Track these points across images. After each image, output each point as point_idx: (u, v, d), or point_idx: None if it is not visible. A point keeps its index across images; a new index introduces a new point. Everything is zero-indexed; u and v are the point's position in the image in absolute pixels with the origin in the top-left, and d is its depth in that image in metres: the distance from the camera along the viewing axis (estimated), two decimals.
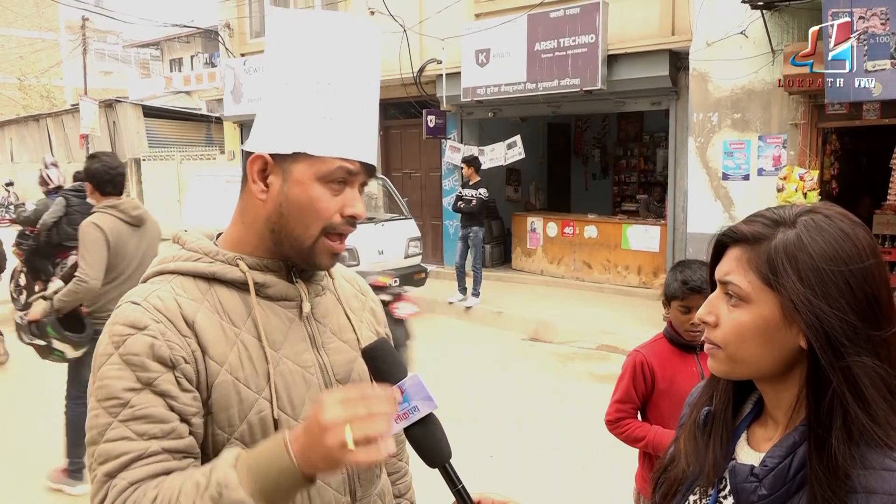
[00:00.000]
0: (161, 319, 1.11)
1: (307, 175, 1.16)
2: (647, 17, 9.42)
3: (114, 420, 1.05)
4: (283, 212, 1.18)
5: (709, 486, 1.05)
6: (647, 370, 2.50)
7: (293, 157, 1.16)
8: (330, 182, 1.17)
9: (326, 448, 0.94)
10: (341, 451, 0.93)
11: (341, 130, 1.16)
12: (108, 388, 1.06)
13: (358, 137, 1.19)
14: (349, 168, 1.17)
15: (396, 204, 10.08)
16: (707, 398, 1.12)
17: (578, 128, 14.99)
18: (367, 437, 0.94)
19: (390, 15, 11.10)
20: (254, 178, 1.20)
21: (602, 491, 4.36)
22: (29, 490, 4.39)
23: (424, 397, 1.12)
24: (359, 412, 0.95)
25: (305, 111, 1.15)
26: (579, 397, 6.13)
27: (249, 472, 0.98)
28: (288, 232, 1.19)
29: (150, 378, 1.07)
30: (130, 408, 1.05)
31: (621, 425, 2.54)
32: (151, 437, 1.05)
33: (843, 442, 0.88)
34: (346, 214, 1.20)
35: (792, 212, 0.98)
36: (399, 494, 1.52)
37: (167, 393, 1.07)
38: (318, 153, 1.15)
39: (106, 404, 1.06)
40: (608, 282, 10.55)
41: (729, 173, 8.31)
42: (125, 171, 4.18)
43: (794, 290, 0.92)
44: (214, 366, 1.13)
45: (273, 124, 1.18)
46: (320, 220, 1.18)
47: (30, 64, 31.69)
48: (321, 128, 1.15)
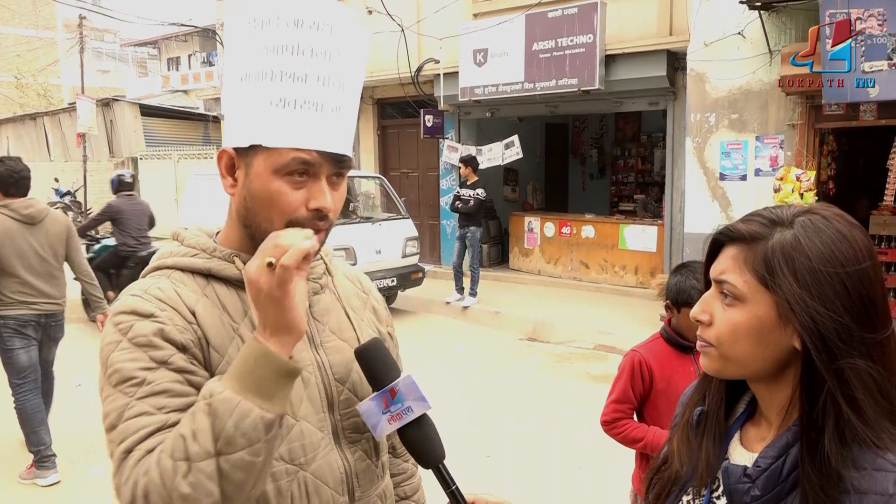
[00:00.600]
0: (165, 308, 1.10)
1: (264, 167, 1.11)
2: (644, 18, 9.43)
3: (131, 399, 1.02)
4: (248, 206, 1.15)
5: (702, 486, 1.05)
6: (646, 370, 2.49)
7: (252, 151, 1.12)
8: (288, 174, 1.11)
9: (253, 279, 1.00)
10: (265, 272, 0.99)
11: (297, 119, 1.10)
12: (122, 371, 1.04)
13: (318, 126, 1.12)
14: (304, 158, 1.10)
15: (394, 203, 10.07)
16: (699, 398, 1.11)
17: (576, 128, 15.00)
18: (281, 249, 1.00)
19: (388, 14, 11.10)
20: (223, 173, 1.18)
21: (598, 491, 4.36)
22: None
23: (418, 398, 1.11)
24: (266, 246, 1.03)
25: (259, 101, 1.11)
26: (576, 397, 6.13)
27: (230, 374, 1.01)
28: (256, 226, 1.16)
29: (165, 356, 1.05)
30: (147, 384, 1.03)
31: (618, 426, 2.52)
32: (171, 410, 1.03)
33: (836, 443, 0.88)
34: (310, 208, 1.13)
35: (789, 212, 0.98)
36: (405, 496, 1.49)
37: (184, 369, 1.06)
38: (271, 144, 1.10)
39: (122, 387, 1.04)
40: (605, 282, 10.56)
41: (726, 173, 8.32)
42: (30, 175, 4.51)
43: (789, 291, 0.91)
44: (216, 355, 1.12)
45: (233, 118, 1.15)
46: (283, 214, 1.12)
47: (27, 62, 31.62)
48: (276, 117, 1.10)
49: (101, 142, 19.90)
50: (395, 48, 11.44)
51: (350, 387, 1.26)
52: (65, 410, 5.20)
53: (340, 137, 1.15)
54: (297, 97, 1.11)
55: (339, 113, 1.15)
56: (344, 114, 1.16)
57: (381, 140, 13.17)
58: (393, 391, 1.12)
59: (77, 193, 19.06)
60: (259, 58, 1.11)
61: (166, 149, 18.41)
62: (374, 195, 11.17)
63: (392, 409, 1.11)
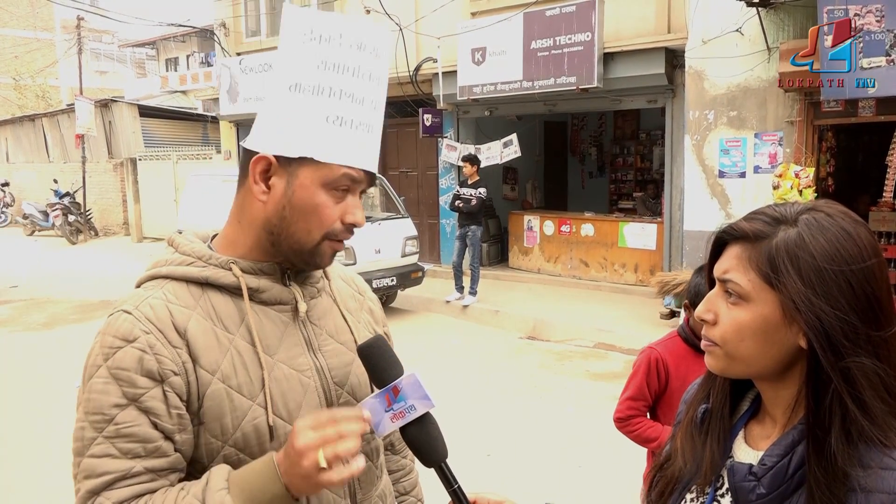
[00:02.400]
0: (151, 330, 1.10)
1: (312, 180, 1.15)
2: (642, 15, 9.42)
3: (98, 435, 1.06)
4: (286, 215, 1.16)
5: (706, 484, 1.05)
6: (662, 367, 2.47)
7: (299, 161, 1.14)
8: (333, 189, 1.16)
9: (303, 471, 1.00)
10: (317, 473, 1.00)
11: (350, 138, 1.15)
12: (95, 402, 1.07)
13: (365, 146, 1.18)
14: (353, 176, 1.17)
15: (393, 203, 10.07)
16: (704, 395, 1.11)
17: (575, 126, 14.99)
18: (337, 456, 1.00)
19: (386, 13, 11.10)
20: (255, 178, 1.17)
21: (599, 489, 4.36)
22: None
23: (421, 396, 1.11)
24: (328, 435, 1.01)
25: (315, 115, 1.13)
26: (576, 396, 6.13)
27: (242, 495, 1.02)
28: (288, 235, 1.18)
29: (137, 395, 1.07)
30: (115, 425, 1.06)
31: (632, 423, 2.51)
32: (135, 456, 1.06)
33: (842, 442, 0.88)
34: (346, 222, 1.19)
35: (793, 210, 0.97)
36: (405, 492, 1.51)
37: (152, 410, 1.08)
38: (326, 160, 1.14)
39: (92, 418, 1.07)
40: (605, 280, 10.56)
41: (725, 171, 8.31)
42: None
43: (794, 290, 0.91)
44: (206, 375, 1.12)
45: (280, 126, 1.15)
46: (323, 227, 1.17)
47: (25, 64, 31.60)
48: (330, 134, 1.14)
49: (100, 143, 19.87)
50: (393, 47, 11.42)
51: (349, 389, 1.26)
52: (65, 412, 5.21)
53: (377, 157, 1.23)
54: (353, 118, 1.16)
55: (377, 134, 1.22)
56: (379, 134, 1.24)
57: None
58: (396, 389, 1.11)
59: (76, 194, 19.06)
60: (315, 72, 1.13)
61: (165, 149, 18.37)
62: (373, 194, 11.16)
63: (395, 407, 1.11)
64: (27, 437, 5.22)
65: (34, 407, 5.78)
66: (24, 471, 4.58)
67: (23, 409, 5.83)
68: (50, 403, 5.80)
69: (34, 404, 5.84)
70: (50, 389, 6.18)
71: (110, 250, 16.63)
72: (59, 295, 11.01)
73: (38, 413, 5.61)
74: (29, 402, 5.91)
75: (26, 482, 4.47)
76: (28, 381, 6.43)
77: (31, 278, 12.52)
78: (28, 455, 4.58)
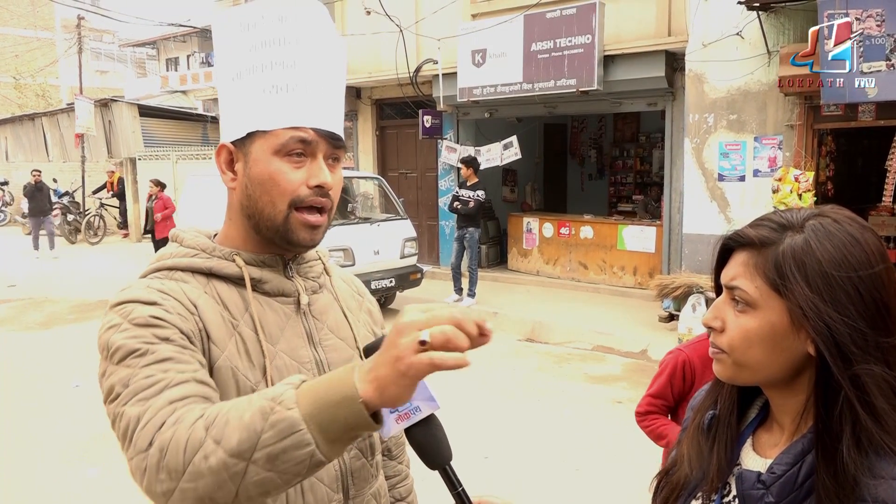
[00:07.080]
0: (168, 298, 1.10)
1: (263, 151, 1.16)
2: (643, 18, 9.43)
3: (135, 369, 0.99)
4: (250, 193, 1.19)
5: (712, 491, 1.04)
6: (689, 370, 2.47)
7: (250, 139, 1.17)
8: (288, 155, 1.16)
9: (398, 350, 0.82)
10: (413, 350, 0.81)
11: (287, 101, 1.15)
12: (125, 348, 1.01)
13: (310, 105, 1.17)
14: (302, 136, 1.15)
15: (392, 204, 10.06)
16: (711, 402, 1.10)
17: (575, 128, 15.00)
18: (446, 338, 0.81)
19: (386, 15, 11.10)
20: (222, 168, 1.23)
21: (597, 492, 4.35)
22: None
23: (426, 397, 1.10)
24: (441, 317, 0.83)
25: (253, 92, 1.16)
26: (575, 398, 6.12)
27: (309, 393, 0.88)
28: (259, 212, 1.19)
29: (167, 334, 1.04)
30: (152, 354, 1.00)
31: (649, 419, 2.53)
32: (179, 373, 1.00)
33: (853, 450, 0.87)
34: (311, 185, 1.17)
35: (800, 216, 0.96)
36: (400, 498, 1.50)
37: (187, 346, 1.05)
38: (268, 127, 1.15)
39: (125, 361, 1.00)
40: (604, 282, 10.56)
41: (725, 174, 8.32)
42: None
43: (802, 296, 0.90)
44: (216, 349, 1.12)
45: (229, 114, 1.20)
46: (285, 194, 1.17)
47: (25, 63, 31.58)
48: (267, 103, 1.15)
49: (100, 142, 19.85)
50: (393, 49, 11.43)
51: None
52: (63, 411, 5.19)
53: (333, 117, 1.20)
54: (288, 82, 1.16)
55: (328, 94, 1.20)
56: (333, 96, 1.22)
57: (379, 141, 13.16)
58: None
59: (75, 194, 19.05)
60: (248, 56, 1.17)
61: (165, 149, 18.35)
62: (372, 196, 11.16)
63: (400, 408, 1.10)
64: (24, 436, 5.21)
65: (31, 406, 5.77)
66: (20, 470, 4.57)
67: (20, 409, 5.81)
68: (47, 403, 5.80)
69: (31, 404, 5.83)
70: (47, 389, 6.18)
71: (109, 250, 16.62)
72: (57, 294, 11.00)
73: (34, 413, 5.59)
74: (26, 402, 5.90)
75: (23, 482, 4.46)
76: (25, 381, 6.42)
77: (28, 277, 12.51)
78: (24, 455, 4.58)
